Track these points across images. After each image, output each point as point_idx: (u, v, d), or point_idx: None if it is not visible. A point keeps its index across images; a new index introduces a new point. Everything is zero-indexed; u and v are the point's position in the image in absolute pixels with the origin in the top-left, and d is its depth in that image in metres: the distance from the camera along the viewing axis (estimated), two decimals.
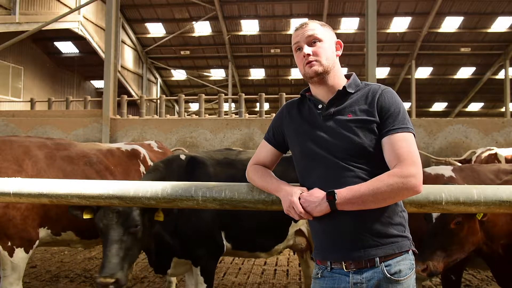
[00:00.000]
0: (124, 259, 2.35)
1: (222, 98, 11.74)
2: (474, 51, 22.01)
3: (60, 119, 9.96)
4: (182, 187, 1.77)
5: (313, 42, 1.62)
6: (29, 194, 1.83)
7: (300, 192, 1.54)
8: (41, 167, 3.25)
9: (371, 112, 1.56)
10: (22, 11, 14.84)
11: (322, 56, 1.61)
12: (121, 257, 2.33)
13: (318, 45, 1.62)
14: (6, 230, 2.97)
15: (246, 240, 3.16)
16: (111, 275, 2.25)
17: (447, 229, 2.40)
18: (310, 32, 1.63)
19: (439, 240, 2.39)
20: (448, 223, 2.40)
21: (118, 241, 2.35)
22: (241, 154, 3.32)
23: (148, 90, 24.18)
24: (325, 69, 1.61)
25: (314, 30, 1.63)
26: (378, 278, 1.50)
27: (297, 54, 1.67)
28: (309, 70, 1.61)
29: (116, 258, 2.31)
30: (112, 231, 2.36)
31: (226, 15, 20.56)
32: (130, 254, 2.42)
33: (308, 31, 1.63)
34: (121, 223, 2.36)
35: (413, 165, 1.45)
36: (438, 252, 2.36)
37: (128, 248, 2.39)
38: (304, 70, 1.63)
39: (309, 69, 1.61)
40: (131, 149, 4.11)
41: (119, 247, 2.34)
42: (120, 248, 2.35)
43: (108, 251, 2.33)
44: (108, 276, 2.24)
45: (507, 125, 8.81)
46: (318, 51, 1.61)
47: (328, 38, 1.65)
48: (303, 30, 1.64)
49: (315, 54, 1.61)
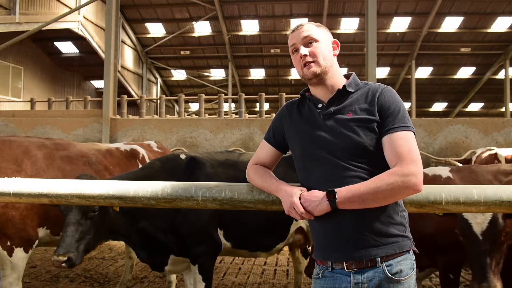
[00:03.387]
0: (79, 241, 2.49)
1: (222, 98, 11.74)
2: (474, 51, 22.01)
3: (60, 119, 9.97)
4: (182, 187, 1.76)
5: (309, 43, 1.62)
6: (29, 194, 1.83)
7: (300, 192, 1.54)
8: (40, 167, 3.25)
9: (371, 111, 1.55)
10: (22, 11, 14.84)
11: (319, 56, 1.60)
12: (76, 239, 2.48)
13: (315, 46, 1.62)
14: (5, 230, 2.97)
15: (246, 239, 3.15)
16: (64, 253, 2.40)
17: (498, 242, 2.31)
18: (305, 33, 1.62)
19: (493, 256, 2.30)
20: (498, 236, 2.30)
21: (75, 223, 2.49)
22: (242, 156, 3.32)
23: (148, 90, 24.18)
24: (323, 70, 1.61)
25: (309, 31, 1.63)
26: (380, 278, 1.50)
27: (294, 55, 1.67)
28: (307, 72, 1.61)
29: (71, 239, 2.46)
30: (71, 213, 2.51)
31: (226, 15, 20.56)
32: (87, 237, 2.54)
33: (304, 32, 1.63)
34: (79, 207, 2.49)
35: (413, 164, 1.45)
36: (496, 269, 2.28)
37: (85, 232, 2.52)
38: (302, 72, 1.63)
39: (307, 70, 1.61)
40: (130, 149, 4.11)
41: (75, 229, 2.49)
42: (76, 230, 2.49)
43: (65, 232, 2.48)
44: (61, 255, 2.39)
45: (507, 125, 8.81)
46: (315, 51, 1.61)
47: (324, 38, 1.65)
48: (299, 32, 1.64)
49: (312, 54, 1.60)
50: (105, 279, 4.81)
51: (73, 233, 2.47)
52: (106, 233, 2.77)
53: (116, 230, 2.82)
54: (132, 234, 2.87)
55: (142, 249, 2.93)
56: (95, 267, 5.30)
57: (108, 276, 4.94)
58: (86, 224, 2.53)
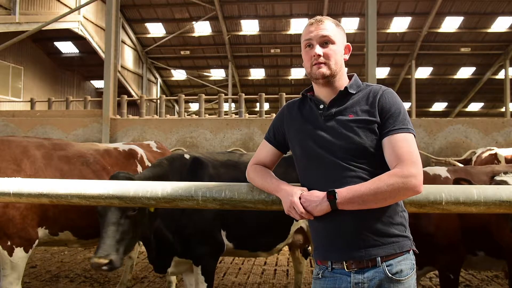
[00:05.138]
0: (119, 242, 2.37)
1: (222, 98, 11.74)
2: (474, 51, 22.01)
3: (60, 119, 9.96)
4: (182, 187, 1.77)
5: (325, 43, 1.60)
6: (29, 194, 1.83)
7: (301, 192, 1.54)
8: (39, 167, 3.26)
9: (372, 113, 1.56)
10: (22, 11, 14.84)
11: (332, 59, 1.59)
12: (117, 240, 2.35)
13: (330, 48, 1.60)
14: (5, 230, 2.97)
15: (248, 239, 3.16)
16: (105, 256, 2.27)
17: None
18: (324, 32, 1.60)
19: None
20: None
21: (115, 224, 2.37)
22: (244, 156, 3.33)
23: (148, 90, 24.18)
24: (332, 73, 1.60)
25: (328, 31, 1.60)
26: (380, 278, 1.50)
27: (306, 50, 1.64)
28: (317, 71, 1.60)
29: (112, 240, 2.33)
30: (110, 213, 2.38)
31: (226, 15, 20.56)
32: (127, 238, 2.43)
33: (323, 31, 1.60)
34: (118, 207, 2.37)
35: (413, 165, 1.45)
36: None
37: (125, 232, 2.41)
38: (311, 70, 1.62)
39: (317, 70, 1.60)
40: (129, 149, 4.11)
41: (115, 229, 2.36)
42: (116, 231, 2.36)
43: (104, 233, 2.35)
44: (103, 257, 2.26)
45: (507, 125, 8.81)
46: (329, 54, 1.59)
47: (341, 41, 1.64)
48: (318, 28, 1.61)
49: (325, 56, 1.59)
50: (105, 279, 4.81)
51: (114, 234, 2.34)
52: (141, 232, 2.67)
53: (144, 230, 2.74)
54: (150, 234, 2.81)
55: (153, 249, 2.90)
56: None
57: (108, 276, 4.94)
58: (126, 224, 2.41)
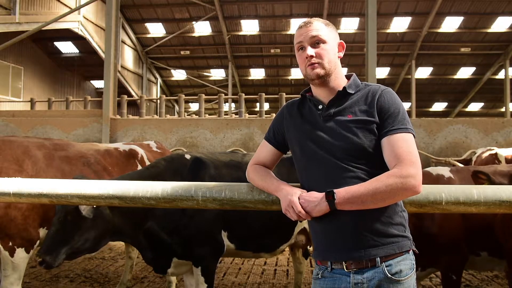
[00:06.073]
0: (60, 243, 2.43)
1: (222, 98, 11.74)
2: (474, 51, 22.02)
3: (60, 119, 9.96)
4: (182, 187, 1.77)
5: (317, 43, 1.60)
6: (29, 194, 1.83)
7: (300, 192, 1.54)
8: (40, 167, 3.26)
9: (371, 113, 1.56)
10: (22, 11, 14.84)
11: (324, 58, 1.60)
12: (58, 241, 2.43)
13: (322, 47, 1.60)
14: (7, 230, 2.97)
15: (251, 241, 3.14)
16: (41, 254, 2.40)
17: None
18: (314, 32, 1.60)
19: None
20: None
21: (60, 224, 2.44)
22: (246, 157, 3.31)
23: (148, 90, 24.19)
24: (327, 72, 1.60)
25: (318, 31, 1.61)
26: (379, 278, 1.50)
27: (299, 53, 1.65)
28: (311, 72, 1.60)
29: (50, 240, 2.43)
30: (59, 213, 2.46)
31: (226, 15, 20.56)
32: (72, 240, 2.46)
33: (313, 31, 1.60)
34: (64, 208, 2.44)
35: (412, 166, 1.45)
36: None
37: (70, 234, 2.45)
38: (306, 71, 1.62)
39: (311, 71, 1.60)
40: (129, 149, 4.12)
41: (57, 230, 2.44)
42: (58, 231, 2.44)
43: (49, 231, 2.47)
44: (40, 255, 2.41)
45: (507, 125, 8.81)
46: (321, 53, 1.59)
47: (332, 40, 1.64)
48: (307, 30, 1.61)
49: (318, 56, 1.59)
50: (105, 279, 4.82)
51: (55, 235, 2.43)
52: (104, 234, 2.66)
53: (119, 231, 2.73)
54: (138, 235, 2.81)
55: (147, 251, 2.90)
56: (95, 267, 5.30)
57: (108, 276, 4.94)
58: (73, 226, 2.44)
